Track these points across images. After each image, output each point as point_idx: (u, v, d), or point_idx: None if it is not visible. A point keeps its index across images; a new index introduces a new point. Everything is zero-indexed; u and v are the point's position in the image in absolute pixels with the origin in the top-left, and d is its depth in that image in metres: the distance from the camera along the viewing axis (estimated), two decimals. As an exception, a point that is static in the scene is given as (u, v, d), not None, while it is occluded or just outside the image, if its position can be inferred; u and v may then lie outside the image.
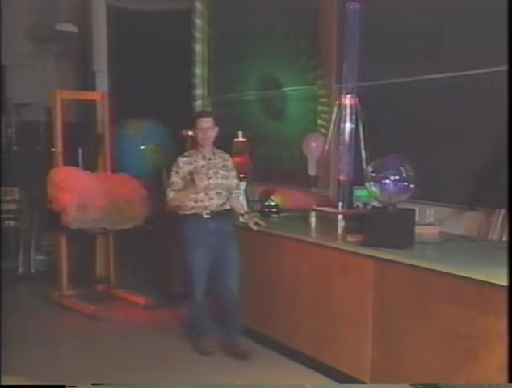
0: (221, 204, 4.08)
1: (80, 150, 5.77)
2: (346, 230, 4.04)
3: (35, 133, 6.12)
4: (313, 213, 4.30)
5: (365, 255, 3.50)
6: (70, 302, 5.23)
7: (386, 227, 3.48)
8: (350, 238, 3.75)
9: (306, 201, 4.50)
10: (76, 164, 5.55)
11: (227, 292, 4.12)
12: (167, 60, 6.66)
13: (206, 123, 4.04)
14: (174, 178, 4.05)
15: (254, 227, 4.17)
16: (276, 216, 4.73)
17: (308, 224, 4.28)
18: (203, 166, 4.03)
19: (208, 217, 4.02)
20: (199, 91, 6.78)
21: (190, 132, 6.16)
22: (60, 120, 5.24)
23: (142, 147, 6.46)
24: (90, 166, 5.60)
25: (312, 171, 4.67)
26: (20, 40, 6.56)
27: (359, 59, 4.26)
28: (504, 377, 2.69)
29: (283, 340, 4.16)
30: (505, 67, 3.37)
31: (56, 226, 5.12)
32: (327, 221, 4.31)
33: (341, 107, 4.31)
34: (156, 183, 5.79)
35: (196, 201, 4.01)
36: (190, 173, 3.97)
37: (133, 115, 6.36)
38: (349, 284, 3.64)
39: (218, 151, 4.19)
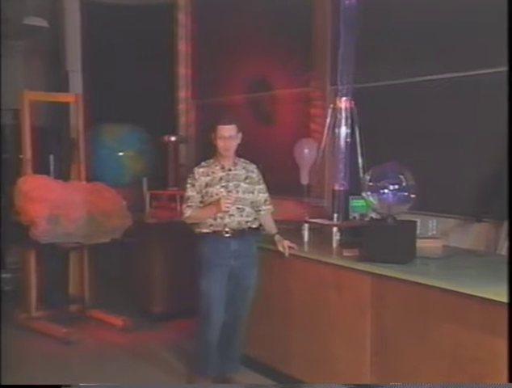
0: (246, 222, 3.86)
1: (51, 157, 5.73)
2: (342, 244, 4.03)
3: (1, 138, 6.07)
4: (306, 226, 4.29)
5: (362, 271, 3.49)
6: (39, 325, 5.17)
7: (385, 241, 3.47)
8: (345, 253, 3.74)
9: (298, 212, 4.49)
10: (47, 172, 5.51)
11: (234, 321, 3.95)
12: (148, 59, 6.65)
13: (228, 131, 3.77)
14: (190, 192, 3.83)
15: (285, 251, 3.92)
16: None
17: (301, 237, 4.25)
18: (221, 179, 3.81)
19: (229, 235, 3.81)
20: (182, 93, 6.79)
21: (172, 138, 6.21)
22: (29, 124, 5.21)
23: (120, 154, 6.47)
24: (63, 174, 5.57)
25: (304, 180, 4.66)
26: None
27: (355, 59, 4.28)
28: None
29: (271, 363, 4.12)
30: (505, 68, 3.39)
31: (24, 240, 5.07)
32: (321, 234, 4.30)
33: (335, 111, 4.32)
34: (135, 192, 5.78)
35: (215, 218, 3.78)
36: (207, 185, 3.79)
37: (110, 119, 6.36)
38: (344, 302, 3.63)
39: (241, 161, 3.94)
